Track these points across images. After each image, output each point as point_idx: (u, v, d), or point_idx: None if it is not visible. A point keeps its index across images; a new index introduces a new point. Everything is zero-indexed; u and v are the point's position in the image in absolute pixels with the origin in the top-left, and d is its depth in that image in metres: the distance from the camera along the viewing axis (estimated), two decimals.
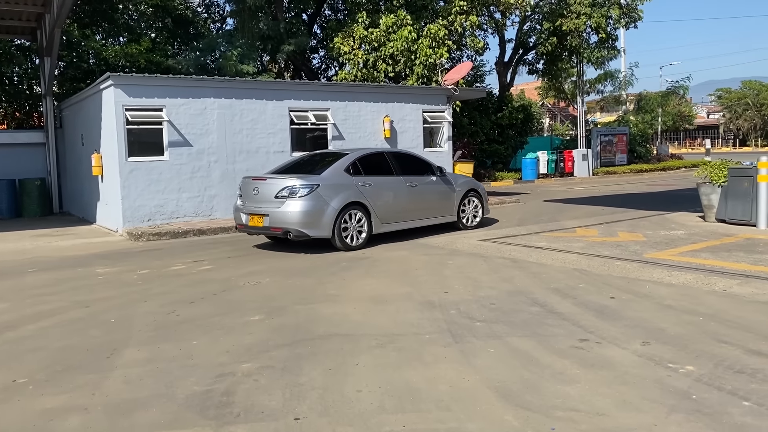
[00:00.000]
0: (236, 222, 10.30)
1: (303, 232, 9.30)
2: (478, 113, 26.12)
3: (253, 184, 9.87)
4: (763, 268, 7.22)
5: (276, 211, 9.37)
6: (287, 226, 9.31)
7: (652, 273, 7.23)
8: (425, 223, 11.00)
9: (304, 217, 9.24)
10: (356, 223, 9.79)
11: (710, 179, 11.08)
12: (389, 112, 15.62)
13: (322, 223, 9.38)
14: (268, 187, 9.63)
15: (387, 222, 10.27)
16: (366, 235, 9.89)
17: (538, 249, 9.08)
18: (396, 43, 20.92)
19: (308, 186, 9.39)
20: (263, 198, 9.62)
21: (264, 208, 9.56)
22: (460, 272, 7.69)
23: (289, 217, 9.27)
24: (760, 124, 62.72)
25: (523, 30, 27.89)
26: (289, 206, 9.29)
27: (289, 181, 9.50)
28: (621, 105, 36.50)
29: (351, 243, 9.67)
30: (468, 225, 11.66)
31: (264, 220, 9.50)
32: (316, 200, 9.34)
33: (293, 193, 9.35)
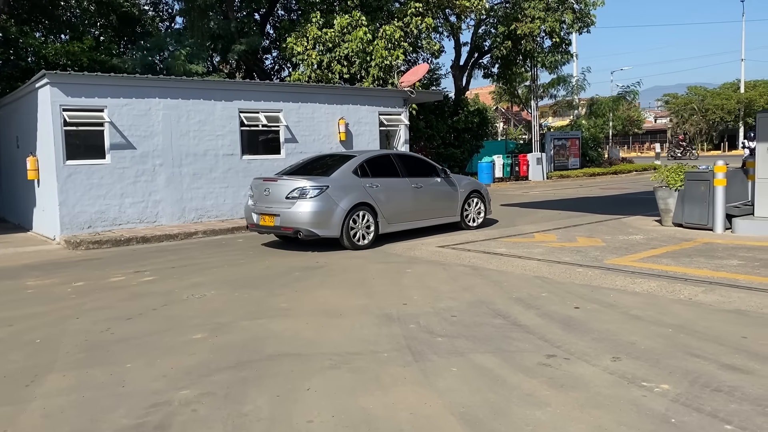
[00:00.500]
0: (247, 221, 10.56)
1: (313, 232, 9.55)
2: (435, 117, 25.97)
3: (265, 185, 10.13)
4: (724, 274, 7.10)
5: (287, 212, 9.63)
6: (298, 225, 9.55)
7: (614, 280, 7.03)
8: (430, 224, 11.22)
9: (313, 217, 9.50)
10: (364, 224, 10.02)
11: (667, 183, 11.05)
12: (344, 114, 15.22)
13: (332, 223, 9.63)
14: (279, 188, 9.89)
15: (393, 222, 10.52)
16: (373, 235, 10.12)
17: (498, 256, 8.82)
18: (351, 44, 20.56)
19: (318, 187, 9.64)
20: (274, 198, 9.88)
21: (275, 208, 9.82)
22: (418, 281, 7.34)
23: (300, 217, 9.52)
24: (706, 129, 64.70)
25: (478, 33, 27.90)
26: (299, 207, 9.55)
27: (299, 183, 9.73)
28: (573, 109, 36.95)
29: (359, 242, 9.91)
30: (471, 225, 11.87)
31: (275, 219, 9.77)
32: (325, 201, 9.60)
33: (303, 194, 9.60)
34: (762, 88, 61.83)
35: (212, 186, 13.33)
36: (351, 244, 9.82)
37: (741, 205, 10.54)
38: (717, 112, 62.71)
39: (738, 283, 6.63)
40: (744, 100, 61.09)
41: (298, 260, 9.05)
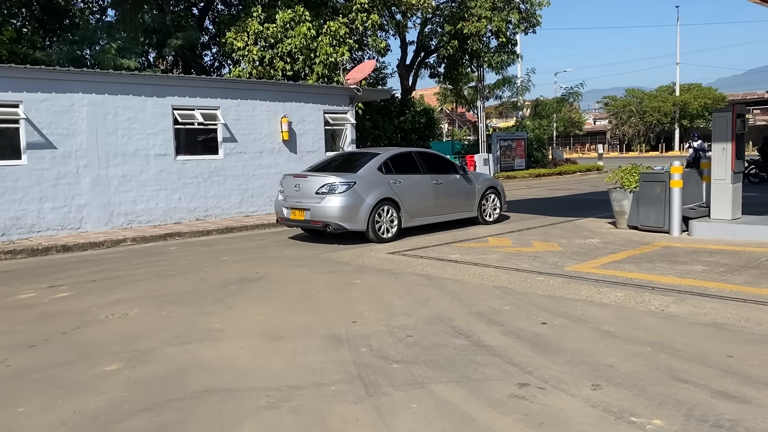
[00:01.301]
0: (278, 216, 10.98)
1: (341, 225, 9.98)
2: (381, 117, 25.37)
3: (295, 181, 10.56)
4: (692, 281, 6.72)
5: (317, 206, 10.06)
6: (327, 219, 9.98)
7: (579, 290, 6.54)
8: (449, 218, 11.62)
9: (342, 211, 9.92)
10: (388, 218, 10.45)
11: (622, 185, 10.74)
12: (287, 113, 14.43)
13: (358, 218, 10.05)
14: (309, 184, 10.30)
15: (415, 217, 10.96)
16: (396, 229, 10.57)
17: (453, 263, 8.25)
18: (294, 40, 19.75)
19: (346, 183, 10.05)
20: (304, 194, 10.30)
21: (305, 203, 10.24)
22: (369, 294, 6.68)
23: (329, 211, 9.94)
24: (643, 131, 66.48)
25: (424, 32, 27.46)
26: (329, 201, 9.97)
27: (328, 179, 10.15)
28: (518, 110, 37.02)
29: (383, 236, 10.34)
30: (488, 220, 12.30)
31: (305, 214, 10.23)
32: (353, 196, 10.01)
33: (333, 189, 10.01)
34: (696, 91, 63.98)
35: (143, 189, 12.32)
36: (376, 237, 10.26)
37: (696, 206, 10.32)
38: (654, 115, 64.49)
39: (708, 292, 6.24)
40: (679, 103, 63.06)
41: (236, 271, 8.25)
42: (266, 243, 10.74)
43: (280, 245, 10.44)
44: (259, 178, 14.00)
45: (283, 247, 10.26)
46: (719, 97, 64.27)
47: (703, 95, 63.06)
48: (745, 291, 6.22)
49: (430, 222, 11.30)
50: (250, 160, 13.83)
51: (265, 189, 14.11)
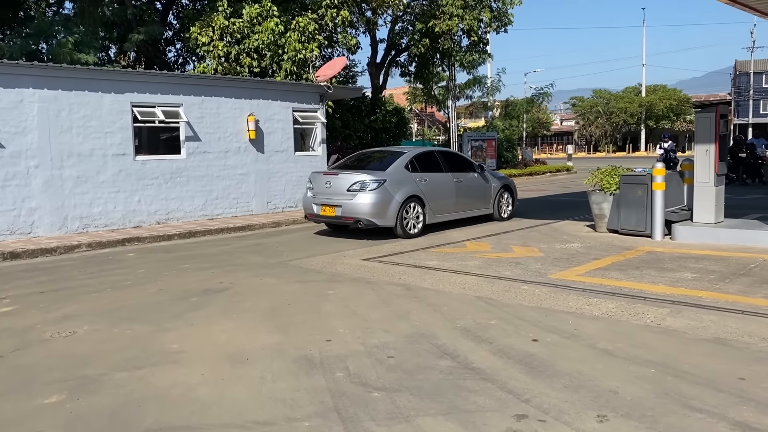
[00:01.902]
0: (306, 212, 11.35)
1: (372, 221, 10.32)
2: (351, 115, 24.83)
3: (325, 179, 10.90)
4: (684, 290, 6.38)
5: (348, 203, 10.38)
6: (359, 215, 10.32)
7: (567, 301, 6.14)
8: (468, 215, 12.00)
9: (373, 208, 10.26)
10: (414, 214, 10.76)
11: (602, 187, 10.43)
12: (254, 110, 13.81)
13: (388, 214, 10.37)
14: (340, 181, 10.62)
15: (438, 213, 11.28)
16: (422, 225, 10.89)
17: (431, 270, 7.79)
18: (262, 36, 19.09)
19: (377, 181, 10.38)
20: (335, 191, 10.62)
21: (336, 199, 10.56)
22: (344, 306, 6.17)
23: (361, 208, 10.28)
24: (610, 131, 67.20)
25: (395, 30, 27.00)
26: (360, 198, 10.30)
27: (360, 176, 10.48)
28: (489, 110, 36.85)
29: (410, 232, 10.67)
30: (503, 217, 12.72)
31: (336, 210, 10.53)
32: (383, 194, 10.33)
33: (364, 187, 10.34)
34: (662, 92, 64.92)
35: (100, 191, 11.59)
36: (404, 233, 10.59)
37: (678, 209, 10.06)
38: (621, 115, 65.27)
39: (703, 303, 5.90)
40: (645, 104, 63.93)
41: (198, 280, 7.66)
42: (231, 249, 10.15)
43: (246, 251, 9.86)
44: (224, 179, 13.36)
45: (250, 253, 9.68)
46: (684, 98, 65.37)
47: (668, 96, 64.04)
48: (741, 301, 5.90)
49: (451, 219, 11.66)
50: (214, 160, 13.19)
51: (230, 190, 13.48)
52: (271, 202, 14.21)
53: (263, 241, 10.85)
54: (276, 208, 14.31)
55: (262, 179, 14.04)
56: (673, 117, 64.58)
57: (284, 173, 14.44)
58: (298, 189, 14.68)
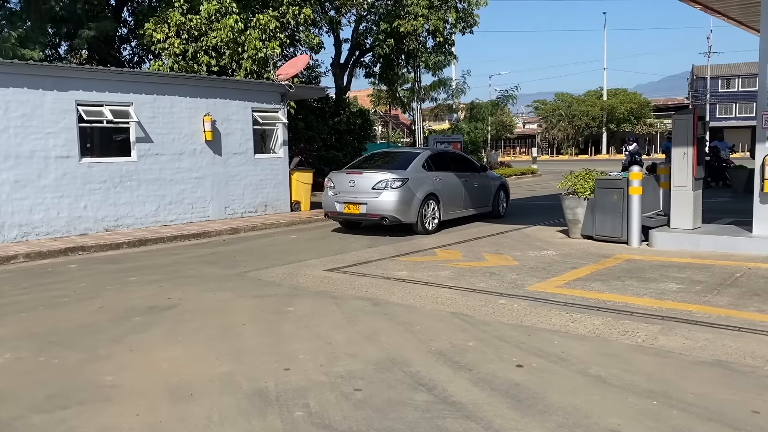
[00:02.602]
0: (327, 210, 11.71)
1: (397, 218, 10.83)
2: (315, 117, 24.16)
3: (349, 177, 11.33)
4: (671, 303, 5.95)
5: (374, 200, 10.84)
6: (384, 212, 10.80)
7: (549, 317, 5.64)
8: (473, 213, 12.64)
9: (398, 205, 10.77)
10: (431, 212, 11.33)
11: (575, 191, 10.03)
12: (211, 110, 13.06)
13: (411, 211, 10.92)
14: (364, 180, 11.05)
15: (449, 211, 11.84)
16: (438, 222, 11.48)
17: (401, 282, 7.23)
18: (220, 33, 18.31)
19: (401, 179, 10.90)
20: (360, 189, 11.03)
21: (360, 197, 10.98)
22: (305, 326, 5.56)
23: (387, 205, 10.77)
24: (572, 134, 67.78)
25: (359, 30, 26.41)
26: (386, 196, 10.79)
27: (385, 175, 10.98)
28: (454, 113, 36.58)
29: (428, 228, 11.23)
30: (501, 214, 13.53)
31: (361, 207, 10.98)
32: (407, 191, 10.88)
33: (389, 185, 10.83)
34: (622, 96, 65.75)
35: (41, 196, 10.71)
36: (423, 230, 11.15)
37: (654, 215, 9.71)
38: (583, 118, 65.88)
39: (694, 318, 5.47)
40: (607, 107, 64.67)
41: (144, 296, 6.94)
42: (184, 258, 9.42)
43: (200, 261, 9.15)
44: (178, 183, 12.57)
45: (204, 263, 8.98)
46: (644, 102, 66.37)
47: (629, 100, 64.89)
48: (735, 316, 5.48)
49: (460, 216, 12.32)
50: (168, 163, 12.39)
51: (185, 195, 12.69)
52: (229, 207, 13.47)
53: (219, 250, 10.14)
54: (234, 214, 13.57)
55: (220, 183, 13.30)
56: (634, 120, 65.45)
57: (243, 176, 13.72)
58: (257, 193, 13.97)
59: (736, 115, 68.86)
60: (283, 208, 14.56)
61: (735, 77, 69.51)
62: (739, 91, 69.01)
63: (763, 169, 8.19)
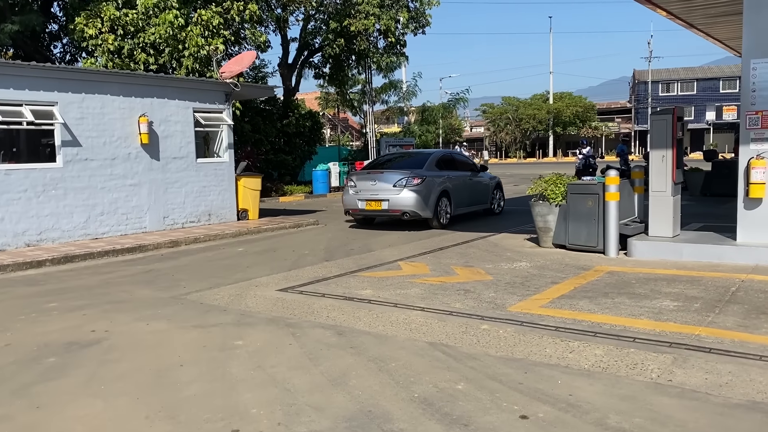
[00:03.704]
0: (349, 207, 12.55)
1: (417, 213, 11.82)
2: (262, 119, 23.08)
3: (370, 176, 12.34)
4: (674, 326, 5.27)
5: (395, 197, 11.81)
6: (405, 208, 11.81)
7: (542, 347, 4.88)
8: (474, 209, 13.61)
9: (417, 201, 11.76)
10: (444, 207, 12.34)
11: (547, 197, 9.38)
12: (148, 111, 11.90)
13: (428, 206, 11.91)
14: (386, 179, 12.08)
15: (458, 207, 12.82)
16: (449, 217, 12.49)
17: (366, 303, 6.36)
18: (159, 29, 17.09)
19: (420, 177, 11.94)
20: (381, 187, 12.00)
21: (382, 195, 11.94)
22: (257, 366, 4.63)
23: (407, 201, 11.75)
24: (520, 138, 68.33)
25: (307, 29, 25.45)
26: (406, 193, 11.77)
27: (404, 174, 12.00)
28: (405, 116, 36.00)
29: (443, 222, 12.27)
30: (496, 211, 14.58)
31: (383, 204, 11.96)
32: (425, 188, 11.88)
33: (409, 183, 11.79)
34: (568, 99, 66.71)
35: None
36: (438, 224, 12.15)
37: (630, 222, 9.14)
38: (530, 122, 66.50)
39: (706, 343, 4.80)
40: (553, 111, 65.45)
41: (63, 327, 5.85)
42: (116, 278, 8.30)
43: (133, 281, 8.06)
44: (111, 191, 11.36)
45: (138, 283, 7.90)
46: (589, 105, 67.51)
47: (574, 104, 65.87)
48: (749, 341, 4.83)
49: (465, 212, 13.27)
50: (99, 169, 11.18)
51: (118, 204, 11.49)
52: (168, 217, 12.31)
53: (156, 267, 9.05)
54: (174, 224, 12.42)
55: (158, 190, 12.13)
56: (579, 123, 66.46)
57: (184, 183, 12.59)
58: (200, 201, 12.86)
59: None
60: (229, 217, 13.48)
61: (674, 81, 71.51)
62: (678, 95, 71.00)
63: (748, 173, 7.68)
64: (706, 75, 70.81)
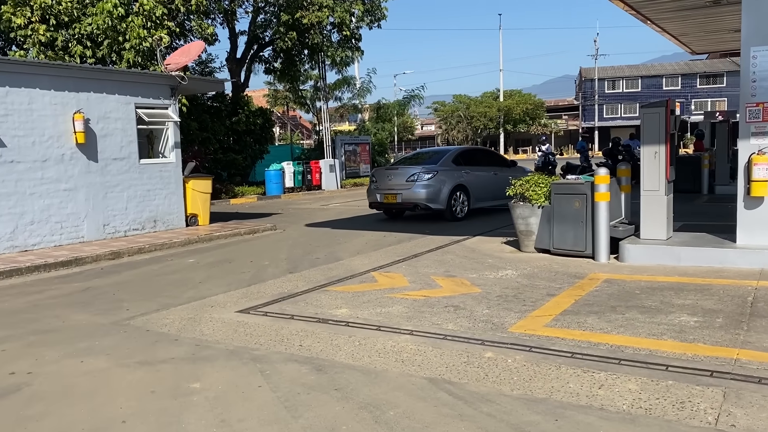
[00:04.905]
0: (370, 200, 13.54)
1: (428, 205, 12.50)
2: (210, 116, 21.82)
3: (387, 172, 13.39)
4: (705, 348, 4.59)
5: (407, 191, 12.62)
6: (416, 201, 12.56)
7: (564, 380, 4.11)
8: (500, 203, 12.91)
9: (428, 194, 12.44)
10: (461, 201, 12.89)
11: (528, 198, 8.68)
12: (84, 107, 10.67)
13: (440, 199, 12.48)
14: (400, 174, 12.98)
15: (478, 201, 13.33)
16: (467, 209, 13.04)
17: (344, 326, 5.48)
18: (96, 19, 15.79)
19: (431, 171, 12.63)
20: (396, 182, 12.86)
21: (397, 189, 12.79)
22: (221, 424, 3.68)
23: (418, 194, 12.51)
24: (471, 135, 68.30)
25: (257, 22, 24.26)
26: (417, 187, 12.53)
27: (416, 169, 12.86)
28: (359, 113, 35.10)
29: (458, 215, 12.79)
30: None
31: (397, 197, 12.75)
32: (436, 182, 12.51)
33: (420, 177, 12.56)
34: (518, 97, 67.04)
35: None
36: (452, 216, 12.72)
37: (618, 223, 8.51)
38: (481, 120, 66.51)
39: (750, 370, 4.12)
40: (504, 108, 65.62)
41: None
42: (46, 299, 7.17)
43: (67, 303, 6.94)
44: (42, 197, 10.11)
45: (72, 305, 6.79)
46: (539, 103, 68.03)
47: (524, 101, 66.24)
48: None
49: (489, 206, 13.67)
50: (27, 173, 9.91)
51: (51, 212, 10.24)
52: (109, 225, 11.10)
53: (95, 284, 7.93)
54: (116, 233, 11.21)
55: (97, 195, 10.92)
56: (529, 121, 66.88)
57: (126, 186, 11.39)
58: (145, 206, 11.69)
59: (622, 115, 72.13)
60: (177, 223, 12.34)
61: (620, 79, 72.82)
62: (623, 92, 72.36)
63: (749, 170, 7.14)
64: (650, 72, 72.39)
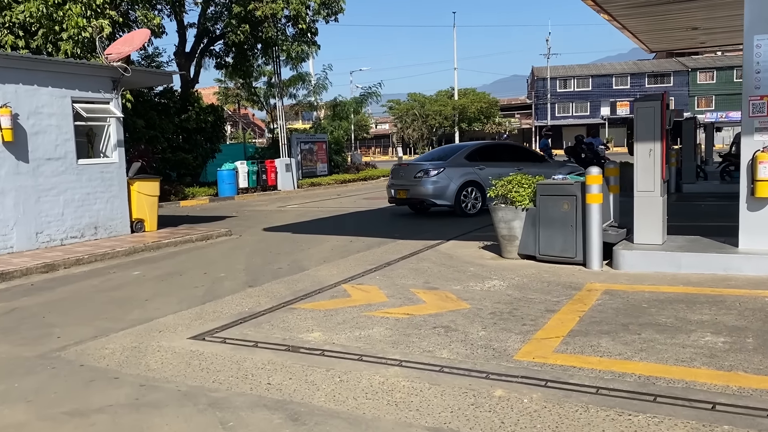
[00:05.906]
0: (388, 197, 14.09)
1: (434, 201, 13.02)
2: (157, 113, 20.55)
3: (400, 170, 13.97)
4: (749, 378, 3.93)
5: (415, 187, 13.14)
6: (423, 196, 13.07)
7: (601, 428, 3.37)
8: None
9: (434, 190, 12.91)
10: (473, 197, 13.05)
11: (511, 200, 7.98)
12: (11, 101, 9.47)
13: (447, 195, 12.89)
14: (409, 170, 13.55)
15: None
16: (480, 206, 12.96)
17: (319, 356, 4.63)
18: (29, 6, 14.45)
19: (437, 168, 13.08)
20: (406, 178, 13.43)
21: (406, 185, 13.35)
22: None
23: (424, 190, 13.00)
24: (427, 134, 67.96)
25: (207, 14, 23.04)
26: (424, 183, 13.01)
27: (423, 165, 13.47)
28: (314, 111, 34.07)
29: (468, 212, 12.95)
30: None
31: (407, 192, 13.31)
32: (442, 179, 12.93)
33: (427, 173, 13.03)
34: (472, 95, 67.03)
35: None
36: (461, 212, 12.84)
37: (608, 227, 7.88)
38: (436, 118, 66.24)
39: None
40: (458, 107, 65.48)
41: None
42: None
43: None
44: None
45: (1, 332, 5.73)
46: (493, 101, 68.20)
47: (479, 100, 66.27)
48: None
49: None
50: None
51: None
52: (43, 233, 9.91)
53: (23, 304, 6.84)
54: (51, 242, 10.03)
55: (28, 200, 9.73)
56: (484, 119, 66.95)
57: (62, 190, 10.21)
58: (84, 211, 10.53)
59: (573, 113, 73.09)
60: (121, 230, 11.20)
61: (571, 78, 73.72)
62: (575, 91, 73.29)
63: (753, 169, 6.59)
64: (600, 72, 73.52)
